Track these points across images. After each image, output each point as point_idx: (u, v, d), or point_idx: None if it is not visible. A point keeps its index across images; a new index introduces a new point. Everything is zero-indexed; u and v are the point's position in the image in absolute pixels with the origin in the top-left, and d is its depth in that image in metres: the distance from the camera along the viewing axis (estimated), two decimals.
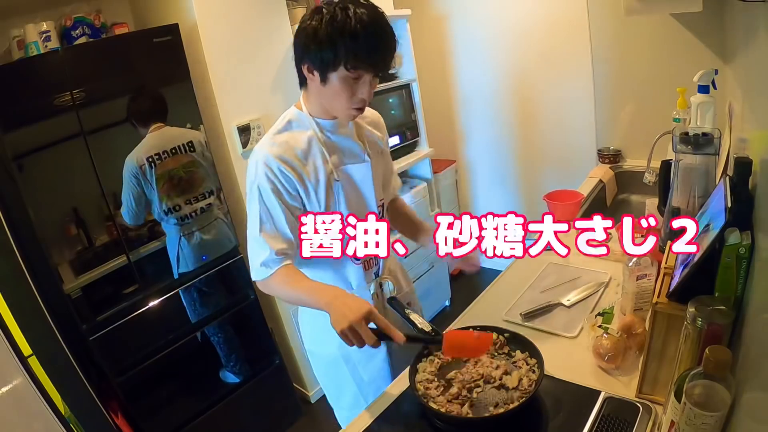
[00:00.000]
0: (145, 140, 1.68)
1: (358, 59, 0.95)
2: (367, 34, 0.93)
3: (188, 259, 1.84)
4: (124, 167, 1.63)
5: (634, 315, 1.11)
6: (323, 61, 0.96)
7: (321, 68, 0.98)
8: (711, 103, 1.50)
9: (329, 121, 1.10)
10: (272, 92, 2.04)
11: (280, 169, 1.04)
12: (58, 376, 1.45)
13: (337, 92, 1.00)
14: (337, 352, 1.25)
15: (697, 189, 1.14)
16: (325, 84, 1.00)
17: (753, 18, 0.96)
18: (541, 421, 0.93)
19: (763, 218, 0.74)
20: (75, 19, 1.67)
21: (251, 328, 2.07)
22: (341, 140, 1.13)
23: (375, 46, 0.96)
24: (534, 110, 2.64)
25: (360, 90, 1.00)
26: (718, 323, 0.70)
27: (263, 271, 1.05)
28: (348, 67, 0.95)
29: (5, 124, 1.39)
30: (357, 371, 1.27)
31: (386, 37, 0.98)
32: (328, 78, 0.99)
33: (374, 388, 1.25)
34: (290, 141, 1.08)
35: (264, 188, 1.04)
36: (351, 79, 0.98)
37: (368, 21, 0.93)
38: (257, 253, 1.05)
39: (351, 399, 1.30)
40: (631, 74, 2.19)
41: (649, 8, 1.68)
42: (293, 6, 2.14)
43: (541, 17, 2.40)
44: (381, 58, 0.99)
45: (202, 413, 1.92)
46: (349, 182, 1.13)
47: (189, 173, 1.80)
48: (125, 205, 1.65)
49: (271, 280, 1.05)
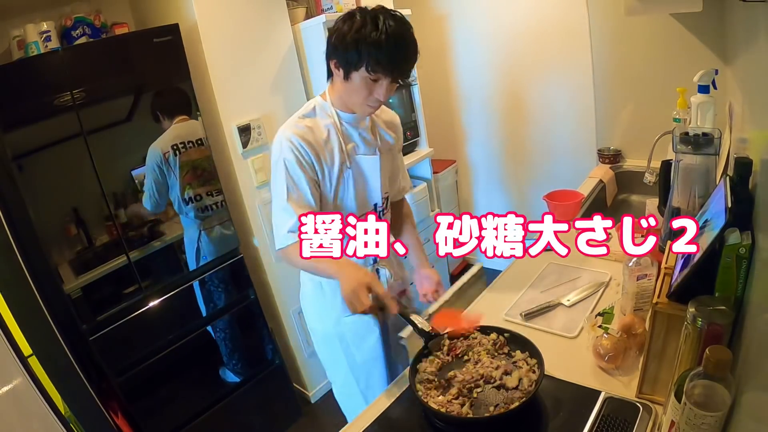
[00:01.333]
0: (170, 130, 1.72)
1: (378, 65, 1.05)
2: (390, 44, 1.04)
3: (207, 253, 1.89)
4: (147, 155, 1.69)
5: (634, 315, 1.11)
6: (348, 61, 1.08)
7: (345, 67, 1.09)
8: (711, 103, 1.50)
9: (349, 114, 1.21)
10: (272, 92, 2.04)
11: (302, 146, 1.15)
12: (58, 376, 1.44)
13: (356, 89, 1.11)
14: (333, 330, 1.34)
15: (697, 189, 1.13)
16: (347, 80, 1.11)
17: (753, 18, 0.96)
18: (541, 421, 0.93)
19: (763, 218, 0.74)
20: (75, 19, 1.67)
21: (251, 328, 2.07)
22: (357, 133, 1.24)
23: (396, 56, 1.06)
24: (534, 110, 2.64)
25: (377, 91, 1.11)
26: (718, 323, 0.70)
27: (288, 238, 1.14)
28: (369, 70, 1.06)
29: (5, 124, 1.39)
30: (350, 351, 1.35)
31: (408, 49, 1.09)
32: (350, 76, 1.10)
33: (366, 370, 1.34)
34: (313, 125, 1.19)
35: (289, 161, 1.14)
36: (370, 80, 1.08)
37: (393, 32, 1.04)
38: (284, 221, 1.15)
39: (343, 377, 1.39)
40: (631, 74, 2.19)
41: (649, 8, 1.68)
42: (293, 6, 2.14)
43: (541, 17, 2.40)
44: (400, 67, 1.09)
45: (202, 413, 1.92)
46: (358, 171, 1.24)
47: (211, 166, 1.85)
48: (147, 193, 1.70)
49: (293, 247, 1.13)
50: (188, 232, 1.84)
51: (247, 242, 2.08)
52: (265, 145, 2.02)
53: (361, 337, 1.33)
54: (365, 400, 1.32)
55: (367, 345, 1.33)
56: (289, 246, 1.14)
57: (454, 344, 1.09)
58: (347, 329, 1.33)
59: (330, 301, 1.32)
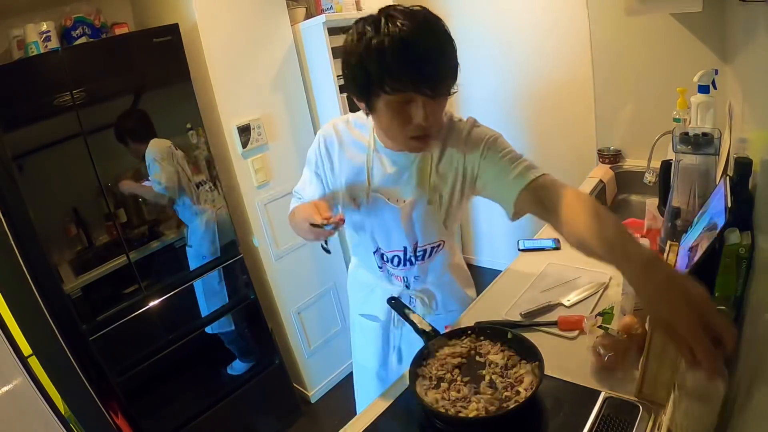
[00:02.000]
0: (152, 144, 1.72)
1: (392, 78, 0.80)
2: (397, 47, 0.78)
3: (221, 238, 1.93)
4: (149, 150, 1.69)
5: (634, 315, 1.11)
6: (360, 87, 0.85)
7: (360, 95, 0.87)
8: (711, 103, 1.50)
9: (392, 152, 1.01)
10: (272, 92, 2.04)
11: (336, 144, 1.06)
12: (58, 376, 1.44)
13: (386, 121, 0.88)
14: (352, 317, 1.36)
15: (697, 189, 1.13)
16: (373, 113, 0.89)
17: (753, 18, 0.96)
18: (541, 421, 0.93)
19: (763, 218, 0.74)
20: (75, 19, 1.67)
21: (251, 328, 2.07)
22: (387, 163, 1.02)
23: (409, 60, 0.79)
24: (533, 110, 2.64)
25: (414, 114, 0.85)
26: None
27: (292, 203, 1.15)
28: (387, 90, 0.81)
29: (5, 124, 1.39)
30: (355, 346, 1.38)
31: (427, 50, 0.81)
32: (373, 106, 0.87)
33: (361, 375, 1.38)
34: (353, 135, 1.06)
35: (310, 159, 1.12)
36: (397, 103, 0.84)
37: (401, 33, 0.78)
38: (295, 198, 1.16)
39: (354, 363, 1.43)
40: (631, 74, 2.19)
41: (649, 8, 1.68)
42: (293, 6, 2.14)
43: (541, 17, 2.40)
44: (420, 76, 0.81)
45: (203, 413, 1.92)
46: (375, 211, 1.07)
47: (202, 153, 1.87)
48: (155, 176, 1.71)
49: (290, 215, 1.11)
50: (202, 220, 1.86)
51: (247, 242, 2.08)
52: (265, 144, 2.02)
53: (365, 341, 1.33)
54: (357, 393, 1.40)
55: (368, 352, 1.32)
56: (289, 214, 1.13)
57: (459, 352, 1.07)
58: (357, 327, 1.35)
59: (356, 291, 1.34)
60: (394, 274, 1.18)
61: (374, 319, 1.27)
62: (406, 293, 1.20)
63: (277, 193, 2.09)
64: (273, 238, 2.09)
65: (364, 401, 1.31)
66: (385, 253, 1.15)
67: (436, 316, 1.23)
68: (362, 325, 1.32)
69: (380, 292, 1.22)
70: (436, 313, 1.23)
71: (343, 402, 2.30)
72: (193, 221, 1.84)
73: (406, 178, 1.02)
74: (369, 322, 1.29)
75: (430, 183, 1.02)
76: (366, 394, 1.33)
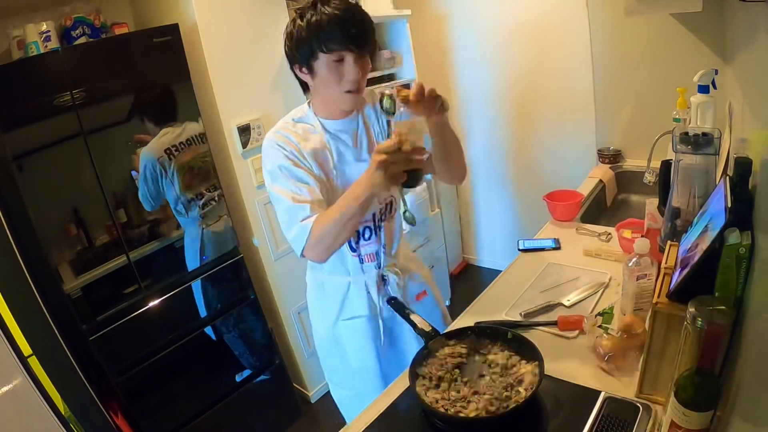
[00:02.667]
0: (160, 135, 1.71)
1: (330, 41, 1.01)
2: (334, 18, 1.00)
3: (209, 250, 1.90)
4: (140, 162, 1.67)
5: (634, 315, 1.11)
6: (305, 55, 1.05)
7: (306, 63, 1.06)
8: (711, 103, 1.50)
9: (333, 121, 1.17)
10: (272, 92, 2.04)
11: (291, 150, 1.11)
12: (58, 376, 1.45)
13: (327, 80, 1.06)
14: (331, 332, 1.33)
15: (697, 189, 1.13)
16: (314, 76, 1.07)
17: (753, 18, 0.96)
18: (541, 421, 0.93)
19: (763, 218, 0.74)
20: (75, 19, 1.67)
21: (251, 328, 2.07)
22: (344, 139, 1.18)
23: (344, 25, 1.01)
24: (534, 110, 2.64)
25: (346, 71, 1.05)
26: (718, 323, 0.70)
27: (303, 229, 1.05)
28: (323, 49, 1.02)
29: (5, 124, 1.39)
30: (346, 355, 1.34)
31: (355, 16, 1.03)
32: (315, 70, 1.06)
33: (360, 377, 1.33)
34: (299, 131, 1.15)
35: (285, 165, 1.10)
36: (333, 62, 1.04)
37: (334, 8, 1.01)
38: (294, 219, 1.06)
39: (340, 379, 1.39)
40: (631, 74, 2.19)
41: (649, 8, 1.69)
42: (293, 6, 2.14)
43: (541, 17, 2.40)
44: (354, 36, 1.02)
45: (203, 413, 1.92)
46: (345, 182, 1.16)
47: (205, 162, 1.85)
48: (141, 193, 1.70)
49: (315, 228, 1.04)
50: (189, 231, 1.84)
51: (247, 242, 2.08)
52: None
53: (356, 343, 1.31)
54: (360, 404, 1.27)
55: (363, 352, 1.31)
56: (312, 230, 1.04)
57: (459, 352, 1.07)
58: (345, 333, 1.32)
59: (329, 302, 1.31)
60: (366, 254, 1.26)
61: (359, 317, 1.29)
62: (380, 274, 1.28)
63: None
64: (273, 238, 2.09)
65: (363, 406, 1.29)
66: (358, 230, 1.22)
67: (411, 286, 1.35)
68: (349, 330, 1.31)
69: (355, 287, 1.29)
70: (410, 284, 1.35)
71: None
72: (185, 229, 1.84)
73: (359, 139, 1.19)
74: (355, 322, 1.29)
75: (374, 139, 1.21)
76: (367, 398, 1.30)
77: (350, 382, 1.36)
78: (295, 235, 1.06)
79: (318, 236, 1.05)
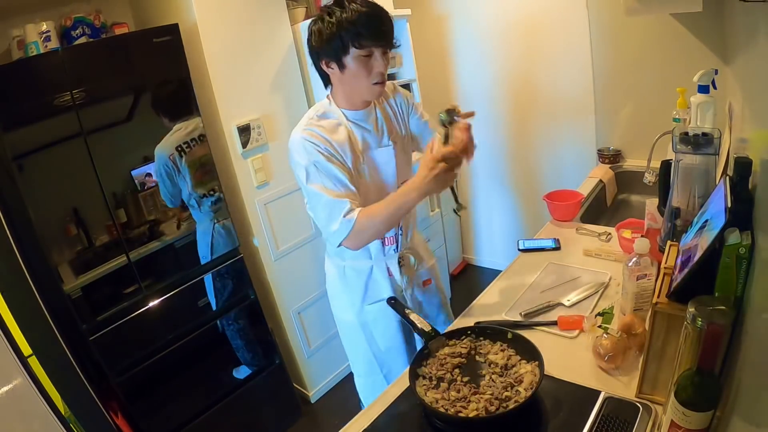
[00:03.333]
0: (172, 132, 1.74)
1: (362, 37, 1.09)
2: (364, 16, 1.08)
3: (220, 244, 1.93)
4: (155, 160, 1.71)
5: (634, 315, 1.11)
6: (335, 51, 1.12)
7: (336, 58, 1.13)
8: (711, 103, 1.50)
9: (356, 112, 1.24)
10: (272, 92, 2.04)
11: (322, 144, 1.17)
12: (58, 376, 1.45)
13: (355, 73, 1.14)
14: (356, 319, 1.38)
15: (697, 189, 1.13)
16: (344, 70, 1.15)
17: (753, 18, 0.96)
18: (541, 421, 0.93)
19: (763, 218, 0.74)
20: (75, 19, 1.67)
21: (251, 327, 2.07)
22: (367, 128, 1.26)
23: (374, 23, 1.10)
24: (534, 110, 2.64)
25: (375, 65, 1.14)
26: (718, 323, 0.70)
27: (347, 224, 1.12)
28: (356, 45, 1.10)
29: (5, 124, 1.39)
30: (373, 338, 1.40)
31: (381, 15, 1.12)
32: (344, 63, 1.13)
33: (390, 356, 1.39)
34: (325, 125, 1.21)
35: (319, 161, 1.15)
36: (363, 57, 1.12)
37: (362, 5, 1.09)
38: (334, 214, 1.13)
39: (367, 365, 1.44)
40: (631, 74, 2.19)
41: (649, 8, 1.68)
42: (293, 6, 2.14)
43: (541, 17, 2.40)
44: (383, 33, 1.12)
45: (203, 413, 1.92)
46: (372, 165, 1.27)
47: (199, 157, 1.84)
48: (162, 191, 1.74)
49: (358, 225, 1.12)
50: (201, 225, 1.87)
51: (247, 242, 2.08)
52: (265, 144, 2.02)
53: (383, 324, 1.37)
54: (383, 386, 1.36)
55: (390, 332, 1.37)
56: (355, 224, 1.12)
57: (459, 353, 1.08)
58: (370, 317, 1.38)
59: (352, 288, 1.37)
60: (386, 237, 1.33)
61: (384, 299, 1.33)
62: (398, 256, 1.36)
63: (277, 193, 2.09)
64: (273, 238, 2.09)
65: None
66: None
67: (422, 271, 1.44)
68: (375, 313, 1.37)
69: (378, 269, 1.36)
70: (422, 268, 1.44)
71: (343, 402, 2.31)
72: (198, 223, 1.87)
73: (380, 125, 1.28)
74: (380, 305, 1.34)
75: (393, 125, 1.32)
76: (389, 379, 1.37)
77: (379, 365, 1.41)
78: (338, 228, 1.13)
79: (362, 230, 1.13)
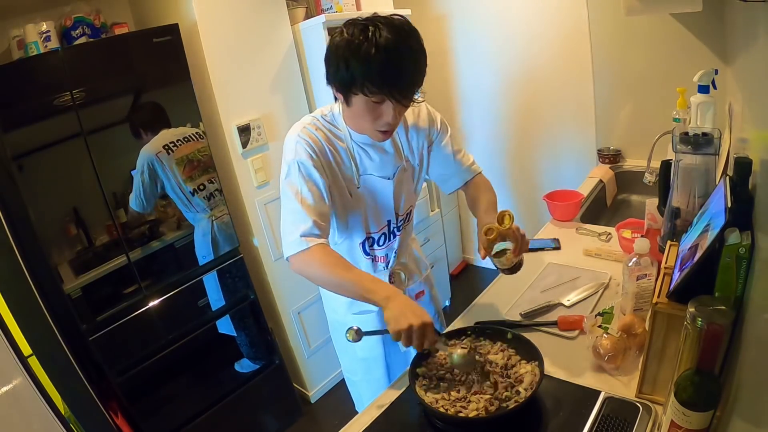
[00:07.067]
0: (159, 135, 1.72)
1: (372, 84, 0.92)
2: (382, 59, 0.90)
3: (222, 241, 1.91)
4: (138, 158, 1.67)
5: (634, 315, 1.11)
6: (342, 82, 0.96)
7: (342, 91, 0.98)
8: (711, 103, 1.50)
9: (362, 135, 1.11)
10: (272, 92, 2.04)
11: (318, 149, 1.07)
12: (58, 376, 1.45)
13: (360, 115, 1.01)
14: (342, 320, 1.33)
15: (697, 189, 1.13)
16: (349, 105, 1.01)
17: (753, 18, 0.96)
18: (541, 421, 0.93)
19: (763, 218, 0.74)
20: (75, 19, 1.67)
21: (251, 327, 2.07)
22: (371, 152, 1.14)
23: (390, 73, 0.92)
24: (534, 110, 2.64)
25: (384, 114, 0.98)
26: (718, 323, 0.70)
27: (301, 243, 1.00)
28: (365, 92, 0.94)
29: (5, 124, 1.39)
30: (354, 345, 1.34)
31: (405, 64, 0.93)
32: (351, 100, 0.99)
33: (365, 365, 1.36)
34: (328, 134, 1.10)
35: (304, 163, 1.05)
36: (372, 102, 0.96)
37: (385, 45, 0.89)
38: (295, 225, 1.02)
39: (348, 364, 1.43)
40: (631, 74, 2.19)
41: (649, 8, 1.68)
42: (293, 6, 2.14)
43: (541, 17, 2.40)
44: (397, 86, 0.93)
45: (202, 413, 1.92)
46: (369, 191, 1.16)
47: (205, 156, 1.85)
48: (134, 194, 1.69)
49: (309, 255, 1.01)
50: (200, 225, 1.85)
51: (247, 242, 2.08)
52: (264, 145, 2.02)
53: None
54: (367, 388, 1.37)
55: (368, 343, 1.32)
56: (303, 252, 1.01)
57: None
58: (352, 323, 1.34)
59: (336, 303, 1.33)
60: (378, 257, 1.27)
61: (368, 312, 1.30)
62: (389, 272, 1.29)
63: (277, 193, 2.07)
64: (273, 238, 2.09)
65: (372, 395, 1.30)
66: (373, 235, 1.23)
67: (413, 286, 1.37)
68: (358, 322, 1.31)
69: None
70: (412, 283, 1.36)
71: (343, 402, 2.30)
72: (195, 224, 1.85)
73: (386, 154, 1.16)
74: (365, 316, 1.30)
75: (404, 155, 1.19)
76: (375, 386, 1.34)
77: (356, 369, 1.40)
78: (291, 241, 1.03)
79: (306, 266, 1.03)
